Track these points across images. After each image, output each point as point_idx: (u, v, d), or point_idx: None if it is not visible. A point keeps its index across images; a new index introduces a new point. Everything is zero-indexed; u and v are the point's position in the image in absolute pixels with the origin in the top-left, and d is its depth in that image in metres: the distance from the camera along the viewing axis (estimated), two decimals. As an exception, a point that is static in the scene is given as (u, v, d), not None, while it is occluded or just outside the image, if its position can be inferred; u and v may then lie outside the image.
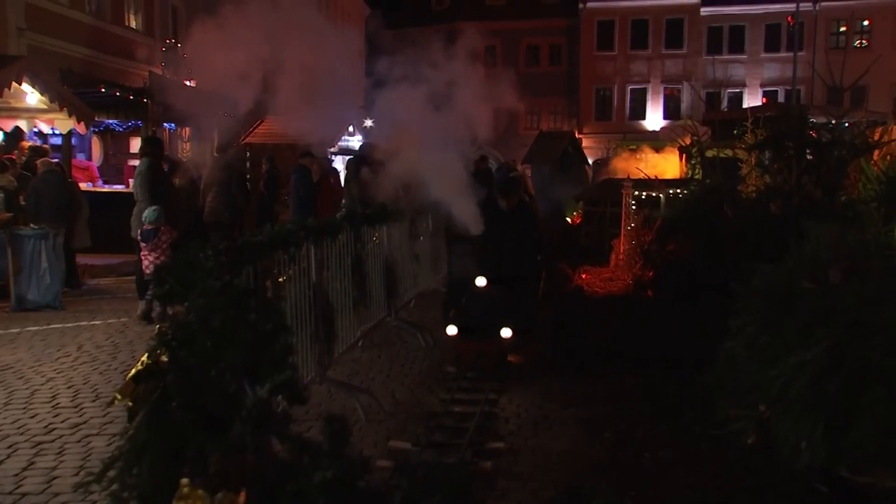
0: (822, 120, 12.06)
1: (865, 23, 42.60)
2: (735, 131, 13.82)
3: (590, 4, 45.63)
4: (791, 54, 32.89)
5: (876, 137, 10.86)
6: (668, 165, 20.20)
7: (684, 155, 18.73)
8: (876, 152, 10.34)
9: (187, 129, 19.16)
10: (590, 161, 30.81)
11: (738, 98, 43.75)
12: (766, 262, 5.95)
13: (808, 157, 10.34)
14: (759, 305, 5.58)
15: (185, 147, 20.40)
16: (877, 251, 5.25)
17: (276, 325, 2.40)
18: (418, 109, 7.25)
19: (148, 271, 9.21)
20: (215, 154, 13.09)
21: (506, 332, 6.83)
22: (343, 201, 12.36)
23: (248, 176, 16.12)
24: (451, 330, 7.06)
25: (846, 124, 12.27)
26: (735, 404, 5.28)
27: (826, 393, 4.21)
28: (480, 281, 7.21)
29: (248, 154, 20.16)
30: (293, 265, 5.81)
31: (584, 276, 12.44)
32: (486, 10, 47.40)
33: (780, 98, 41.04)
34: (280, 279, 5.55)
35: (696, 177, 15.65)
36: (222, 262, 3.85)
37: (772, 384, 4.68)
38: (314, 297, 6.16)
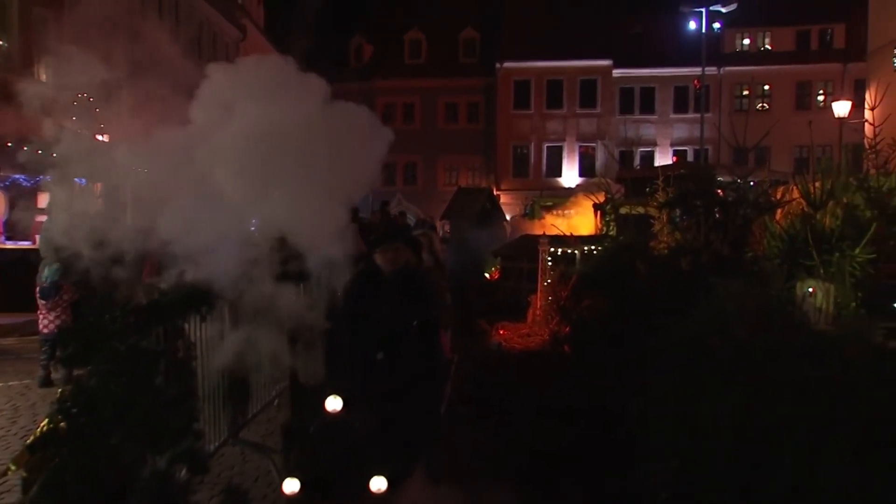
0: (729, 179, 12.50)
1: (766, 87, 44.62)
2: (647, 189, 14.21)
3: (506, 64, 46.67)
4: (699, 115, 34.17)
5: (778, 196, 11.28)
6: (583, 222, 20.60)
7: (599, 212, 19.16)
8: (778, 211, 10.74)
9: (99, 184, 18.66)
10: (508, 217, 31.21)
11: (649, 156, 45.11)
12: (678, 318, 6.07)
13: (716, 215, 10.66)
14: (671, 361, 5.68)
15: (98, 203, 19.88)
16: (780, 307, 5.41)
17: (182, 391, 2.32)
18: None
19: (46, 331, 8.90)
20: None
21: (378, 484, 4.61)
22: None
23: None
24: (290, 486, 4.54)
25: (751, 183, 12.74)
26: (650, 460, 5.33)
27: (737, 448, 4.29)
28: (333, 403, 4.81)
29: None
30: (206, 323, 5.67)
31: (501, 332, 12.50)
32: (404, 68, 48.03)
33: (690, 157, 42.47)
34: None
35: (611, 233, 16.00)
36: (129, 323, 3.73)
37: (684, 440, 4.74)
38: (226, 357, 6.02)
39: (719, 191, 11.20)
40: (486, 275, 20.01)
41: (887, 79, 18.04)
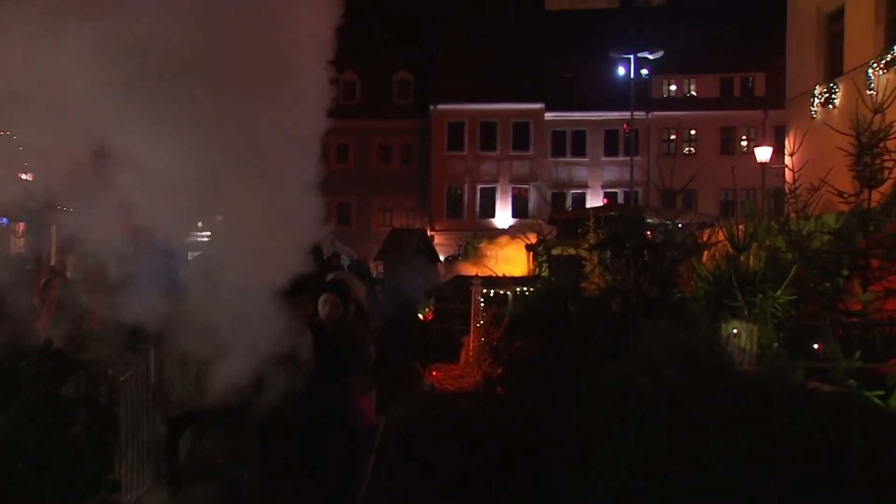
0: (658, 221, 12.77)
1: (692, 132, 45.89)
2: (579, 230, 14.42)
3: (440, 106, 47.13)
4: (628, 158, 34.94)
5: (704, 238, 11.54)
6: (516, 263, 20.77)
7: (531, 253, 19.36)
8: (705, 253, 10.98)
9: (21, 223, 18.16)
10: (441, 258, 31.30)
11: (581, 198, 45.88)
12: (608, 359, 6.13)
13: (645, 257, 10.85)
14: (602, 402, 5.72)
15: (19, 243, 19.33)
16: (706, 348, 5.51)
17: (100, 441, 2.24)
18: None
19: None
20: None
21: None
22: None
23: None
24: None
25: (679, 225, 13.02)
26: (581, 502, 5.34)
27: (664, 491, 4.32)
28: None
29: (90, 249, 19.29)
30: (131, 368, 5.54)
31: (434, 374, 12.46)
32: (339, 109, 47.94)
33: (620, 199, 43.31)
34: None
35: (543, 274, 16.15)
36: (46, 369, 3.60)
37: (613, 482, 4.77)
38: (153, 402, 5.88)
39: (648, 233, 11.43)
40: (420, 316, 19.97)
41: (805, 126, 18.70)
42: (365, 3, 49.60)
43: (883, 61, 16.23)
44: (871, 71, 16.50)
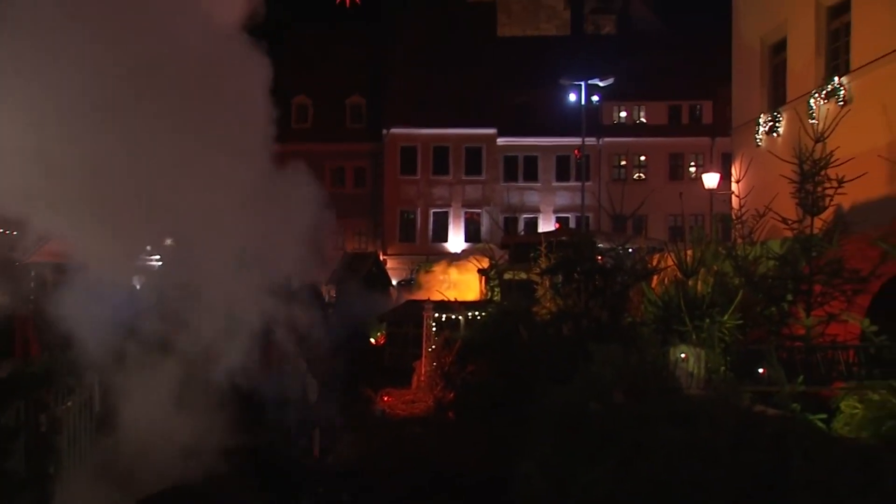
0: (608, 245, 12.90)
1: (642, 158, 46.55)
2: (531, 255, 14.51)
3: (393, 130, 47.18)
4: (580, 183, 35.27)
5: (654, 263, 11.70)
6: (468, 287, 20.82)
7: (483, 277, 19.42)
8: (655, 277, 11.13)
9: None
10: (394, 282, 31.23)
11: (533, 223, 46.12)
12: (559, 383, 6.17)
13: (596, 282, 10.96)
14: (552, 426, 5.74)
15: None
16: (654, 372, 5.57)
17: (35, 473, 2.18)
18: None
19: None
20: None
21: None
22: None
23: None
24: None
25: (629, 250, 13.17)
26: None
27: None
28: None
29: (34, 274, 18.88)
30: (73, 396, 5.40)
31: (386, 399, 12.39)
32: (290, 132, 47.91)
33: (572, 223, 43.65)
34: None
35: (495, 299, 16.20)
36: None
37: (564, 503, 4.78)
38: (97, 430, 5.75)
39: (599, 257, 11.55)
40: (372, 340, 19.88)
41: (750, 153, 19.11)
42: (317, 27, 49.66)
43: (824, 91, 16.65)
44: (812, 101, 16.92)
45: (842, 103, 16.00)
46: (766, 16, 20.38)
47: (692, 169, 45.95)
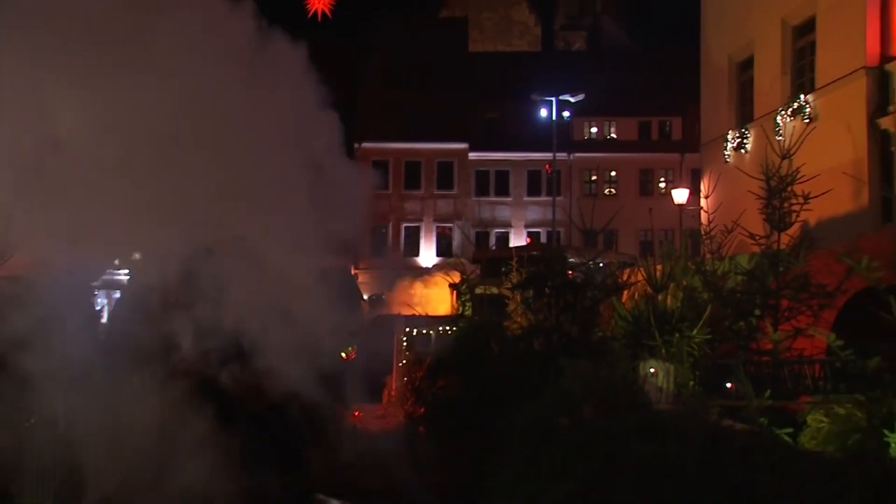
0: (579, 260, 12.96)
1: (613, 173, 46.91)
2: (502, 269, 14.53)
3: (365, 144, 47.15)
4: (551, 198, 35.44)
5: (624, 278, 11.76)
6: (439, 302, 20.78)
7: (455, 292, 19.40)
8: (625, 292, 11.18)
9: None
10: (365, 296, 31.12)
11: (504, 237, 46.26)
12: (529, 398, 6.18)
13: (567, 296, 11.00)
14: (522, 441, 5.75)
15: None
16: (624, 387, 5.60)
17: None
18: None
19: None
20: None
21: None
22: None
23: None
24: None
25: (600, 265, 13.23)
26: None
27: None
28: None
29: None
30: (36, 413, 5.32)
31: (357, 414, 12.32)
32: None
33: (543, 238, 43.80)
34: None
35: (466, 313, 16.19)
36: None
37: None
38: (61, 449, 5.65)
39: (570, 272, 11.59)
40: (343, 355, 19.76)
41: (718, 169, 19.30)
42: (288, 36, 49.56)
43: (790, 109, 16.92)
44: (779, 118, 17.18)
45: (807, 120, 16.25)
46: (733, 34, 20.67)
47: (662, 184, 46.35)
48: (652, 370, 7.24)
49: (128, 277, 9.49)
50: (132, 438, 5.67)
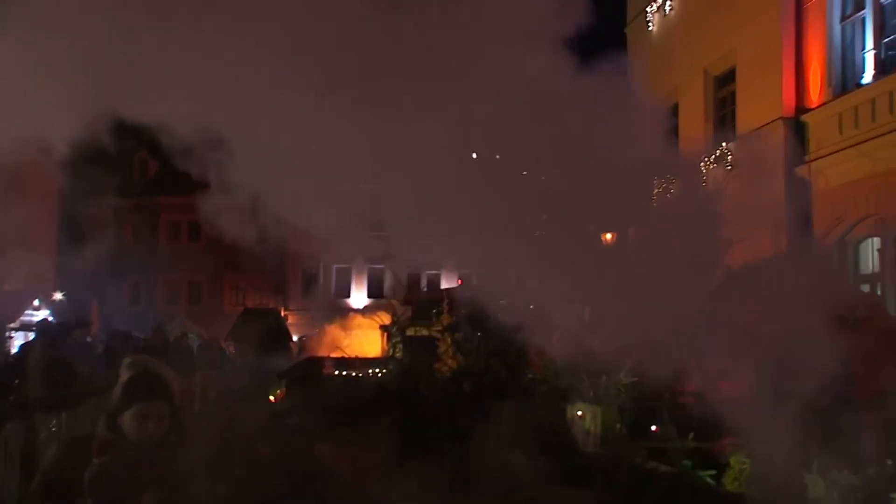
0: (511, 302, 13.00)
1: (543, 215, 47.54)
2: (434, 311, 14.50)
3: (297, 185, 46.97)
4: (482, 241, 35.67)
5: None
6: (370, 344, 20.62)
7: (385, 333, 19.27)
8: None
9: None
10: (295, 338, 30.75)
11: (436, 279, 46.33)
12: (458, 441, 6.13)
13: (496, 338, 11.02)
14: (450, 485, 5.69)
15: None
16: (552, 430, 5.60)
17: None
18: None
19: None
20: None
21: None
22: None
23: None
24: None
25: (531, 307, 13.28)
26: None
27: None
28: None
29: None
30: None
31: (284, 459, 12.10)
32: (192, 184, 46.98)
33: (475, 280, 43.98)
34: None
35: (397, 355, 16.08)
36: None
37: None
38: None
39: (502, 314, 11.62)
40: (271, 398, 19.42)
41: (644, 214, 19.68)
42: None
43: (712, 156, 17.43)
44: (702, 164, 17.69)
45: (729, 167, 16.75)
46: (658, 82, 21.28)
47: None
48: (579, 413, 7.29)
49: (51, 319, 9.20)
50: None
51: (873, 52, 14.61)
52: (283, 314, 36.61)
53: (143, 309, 45.96)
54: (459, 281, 44.72)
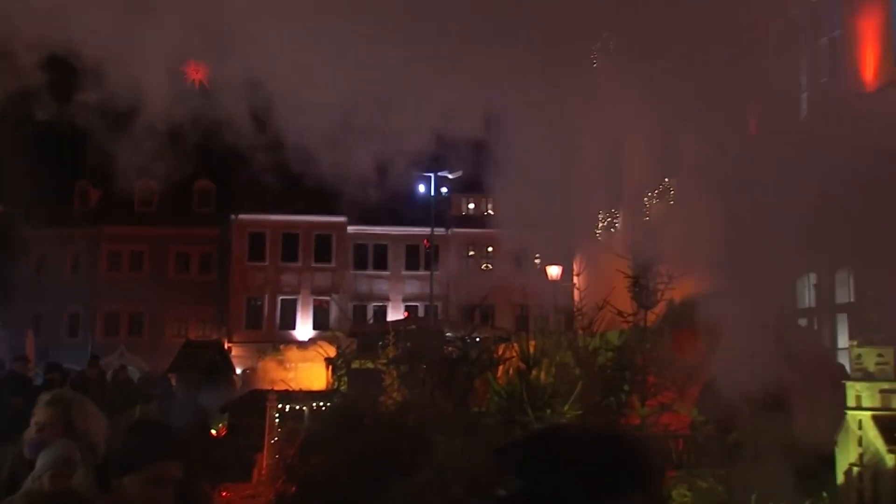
0: (456, 335, 13.05)
1: (490, 249, 47.81)
2: (379, 343, 14.45)
3: (241, 216, 46.56)
4: (429, 273, 35.75)
5: (500, 353, 11.89)
6: (315, 377, 20.43)
7: (331, 366, 19.13)
8: (501, 367, 11.30)
9: None
10: (238, 370, 30.34)
11: (382, 311, 46.18)
12: (402, 476, 6.10)
13: (442, 371, 11.02)
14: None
15: None
16: (496, 465, 5.60)
17: None
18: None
19: None
20: None
21: None
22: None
23: None
24: None
25: (477, 339, 13.35)
26: None
27: None
28: None
29: None
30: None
31: (224, 494, 11.85)
32: (134, 215, 46.39)
33: (421, 312, 43.95)
34: None
35: (342, 388, 15.97)
36: None
37: None
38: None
39: (449, 346, 11.65)
40: (213, 431, 19.10)
41: (590, 247, 19.93)
42: (167, 109, 48.63)
43: (656, 191, 17.72)
44: (646, 199, 17.97)
45: (672, 203, 17.04)
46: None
47: (537, 260, 47.55)
48: (524, 446, 7.29)
49: None
50: None
51: (805, 94, 15.05)
52: (226, 346, 36.10)
53: (82, 341, 44.94)
54: (406, 314, 44.74)
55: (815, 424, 6.08)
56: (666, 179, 17.55)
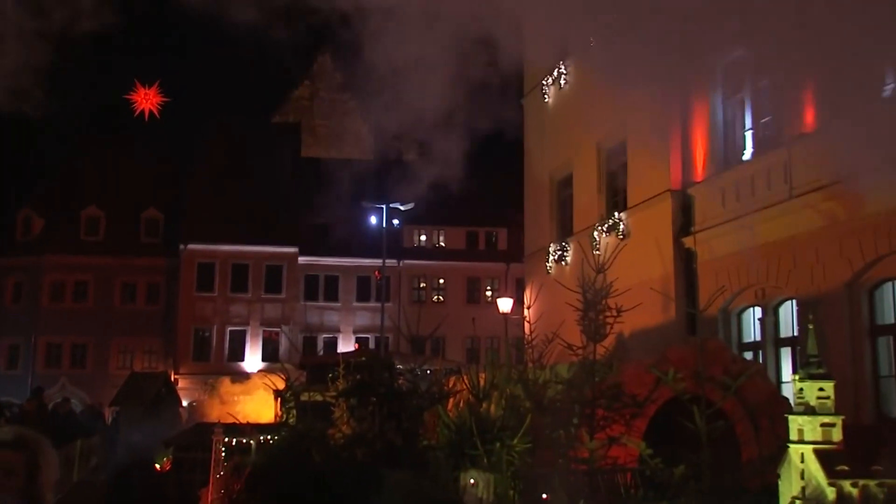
0: (406, 367, 12.98)
1: (441, 281, 47.86)
2: (329, 376, 14.32)
3: (190, 246, 45.95)
4: (379, 304, 35.60)
5: (451, 385, 11.86)
6: (263, 409, 20.17)
7: (279, 398, 18.90)
8: (451, 400, 11.26)
9: None
10: (185, 402, 29.83)
11: (333, 343, 45.84)
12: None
13: (391, 404, 10.94)
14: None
15: None
16: (444, 498, 5.58)
17: None
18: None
19: None
20: None
21: None
22: None
23: None
24: None
25: (427, 371, 13.31)
26: None
27: None
28: None
29: None
30: None
31: (168, 531, 11.60)
32: (79, 244, 45.55)
33: (372, 344, 43.71)
34: None
35: (291, 421, 15.77)
36: None
37: None
38: None
39: (401, 379, 11.57)
40: (157, 466, 18.69)
41: (541, 280, 20.10)
42: (115, 137, 48.10)
43: (605, 225, 17.97)
44: (596, 233, 18.19)
45: (621, 237, 17.27)
46: (553, 154, 21.89)
47: (489, 293, 47.69)
48: (472, 481, 7.27)
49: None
50: None
51: (752, 131, 15.39)
52: (172, 378, 35.45)
53: (22, 373, 43.79)
54: (356, 346, 44.43)
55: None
56: (616, 214, 17.82)
